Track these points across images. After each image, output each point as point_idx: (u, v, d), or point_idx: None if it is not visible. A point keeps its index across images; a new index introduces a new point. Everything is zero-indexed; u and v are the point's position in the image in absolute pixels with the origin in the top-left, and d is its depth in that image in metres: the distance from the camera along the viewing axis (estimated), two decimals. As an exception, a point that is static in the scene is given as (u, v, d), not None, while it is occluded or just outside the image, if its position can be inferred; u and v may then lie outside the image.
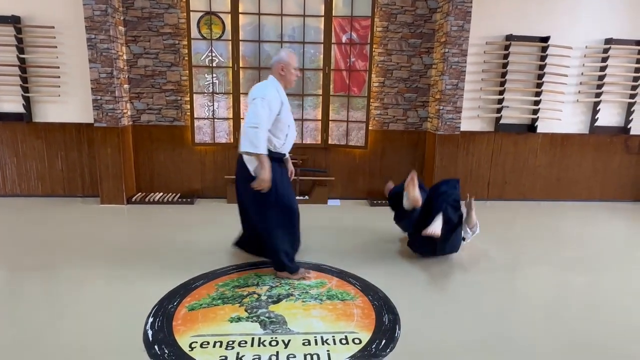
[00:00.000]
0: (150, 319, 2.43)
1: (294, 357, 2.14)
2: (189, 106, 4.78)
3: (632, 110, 5.12)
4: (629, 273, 3.30)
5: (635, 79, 5.03)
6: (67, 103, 4.67)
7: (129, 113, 4.77)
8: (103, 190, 4.64)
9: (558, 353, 2.25)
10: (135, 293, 2.75)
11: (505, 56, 4.84)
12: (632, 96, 5.07)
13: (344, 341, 2.28)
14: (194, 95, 4.73)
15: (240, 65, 4.75)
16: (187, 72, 4.69)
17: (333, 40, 4.76)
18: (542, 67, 4.89)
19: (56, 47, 4.49)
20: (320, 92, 4.89)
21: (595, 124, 5.13)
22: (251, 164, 2.78)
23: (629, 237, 4.23)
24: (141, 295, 2.71)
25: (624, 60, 5.00)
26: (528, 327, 2.49)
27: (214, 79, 4.76)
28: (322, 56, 4.80)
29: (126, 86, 4.70)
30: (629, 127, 5.17)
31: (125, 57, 4.64)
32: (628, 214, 4.94)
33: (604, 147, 5.24)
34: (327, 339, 2.29)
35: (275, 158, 2.85)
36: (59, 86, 4.58)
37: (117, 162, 4.58)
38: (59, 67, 4.55)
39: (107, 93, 4.42)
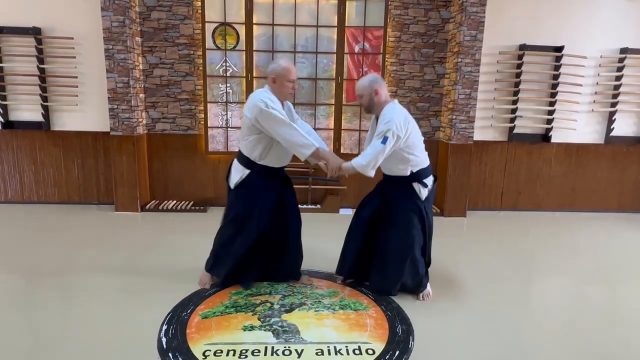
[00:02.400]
0: (165, 327, 2.45)
1: (307, 367, 2.14)
2: (203, 115, 4.84)
3: (648, 120, 5.06)
4: (648, 286, 3.24)
5: (651, 89, 4.97)
6: (85, 112, 4.76)
7: (144, 122, 4.85)
8: (118, 198, 4.70)
9: (576, 367, 2.21)
10: (149, 300, 2.77)
11: (519, 66, 4.82)
12: (649, 106, 5.01)
13: (357, 351, 2.27)
14: (208, 104, 4.79)
15: (254, 75, 4.80)
16: (202, 81, 4.76)
17: (346, 50, 4.80)
18: (556, 77, 4.86)
19: (75, 57, 4.60)
20: (332, 101, 4.92)
21: (611, 134, 5.07)
22: (237, 174, 2.73)
23: (647, 249, 4.15)
24: (155, 302, 2.72)
25: (640, 70, 4.96)
26: (543, 340, 2.45)
27: (228, 88, 4.82)
28: (334, 66, 4.83)
29: (142, 95, 4.78)
30: (645, 137, 5.11)
31: (141, 67, 4.73)
32: (646, 225, 4.85)
33: (620, 158, 5.17)
34: (340, 349, 2.28)
35: (264, 174, 2.72)
36: (77, 95, 4.68)
37: (132, 170, 4.65)
38: (77, 77, 4.64)
39: (124, 102, 4.50)
